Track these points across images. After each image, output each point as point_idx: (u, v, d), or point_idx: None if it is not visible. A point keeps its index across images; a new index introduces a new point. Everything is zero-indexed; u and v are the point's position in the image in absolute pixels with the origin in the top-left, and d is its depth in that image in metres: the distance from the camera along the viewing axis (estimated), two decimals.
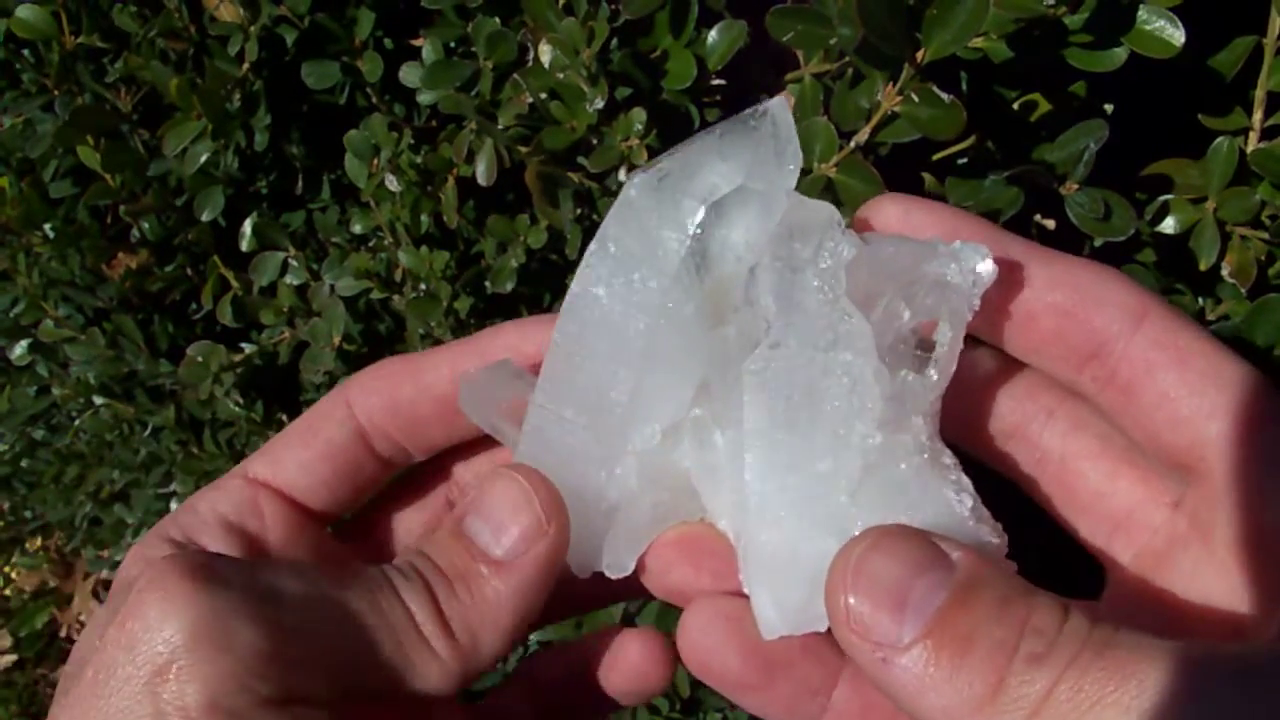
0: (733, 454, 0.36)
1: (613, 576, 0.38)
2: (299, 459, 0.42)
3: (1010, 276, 0.34)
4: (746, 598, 0.35)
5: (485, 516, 0.37)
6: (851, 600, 0.29)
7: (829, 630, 0.31)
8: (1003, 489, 0.37)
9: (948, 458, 0.34)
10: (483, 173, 0.64)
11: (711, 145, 0.36)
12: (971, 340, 0.36)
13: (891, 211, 0.36)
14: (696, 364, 0.37)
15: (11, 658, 1.99)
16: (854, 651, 0.29)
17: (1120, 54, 0.46)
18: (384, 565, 0.37)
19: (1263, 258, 0.51)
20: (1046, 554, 0.41)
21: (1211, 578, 0.32)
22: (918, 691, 0.28)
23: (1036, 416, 0.37)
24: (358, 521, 0.45)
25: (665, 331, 0.37)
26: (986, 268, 0.33)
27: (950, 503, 0.33)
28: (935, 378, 0.34)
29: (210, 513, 0.40)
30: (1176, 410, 0.33)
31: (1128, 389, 0.33)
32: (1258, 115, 0.50)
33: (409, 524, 0.45)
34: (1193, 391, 0.32)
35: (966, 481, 0.34)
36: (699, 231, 0.36)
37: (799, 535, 0.33)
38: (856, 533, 0.31)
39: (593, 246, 0.37)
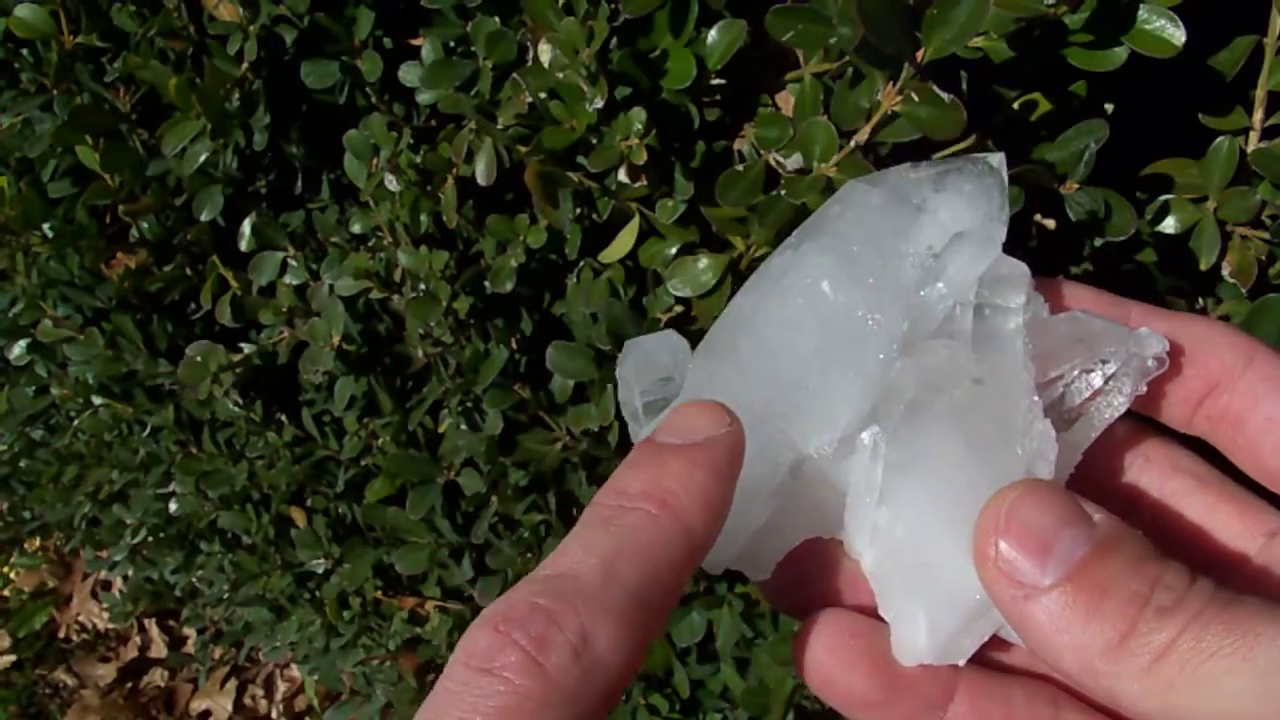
0: (898, 478, 0.36)
1: (752, 578, 0.38)
2: None
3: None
4: (868, 613, 0.36)
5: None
6: (1001, 542, 0.31)
7: None
8: None
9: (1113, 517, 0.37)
10: (482, 172, 0.64)
11: (926, 176, 0.38)
12: None
13: (1086, 299, 0.39)
14: (887, 381, 0.38)
15: (10, 658, 1.99)
16: (996, 589, 0.31)
17: (1120, 53, 0.46)
18: None
19: (1263, 257, 0.51)
20: None
21: None
22: (1053, 631, 0.30)
23: (1134, 462, 0.39)
24: None
25: (871, 341, 0.37)
26: (1163, 356, 0.36)
27: None
28: (1085, 443, 0.37)
29: None
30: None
31: (1238, 422, 0.36)
32: (1258, 115, 0.50)
33: None
34: None
35: None
36: (938, 254, 0.37)
37: (965, 568, 0.34)
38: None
39: (822, 239, 0.38)
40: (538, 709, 0.28)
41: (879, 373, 0.37)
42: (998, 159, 0.38)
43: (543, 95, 0.59)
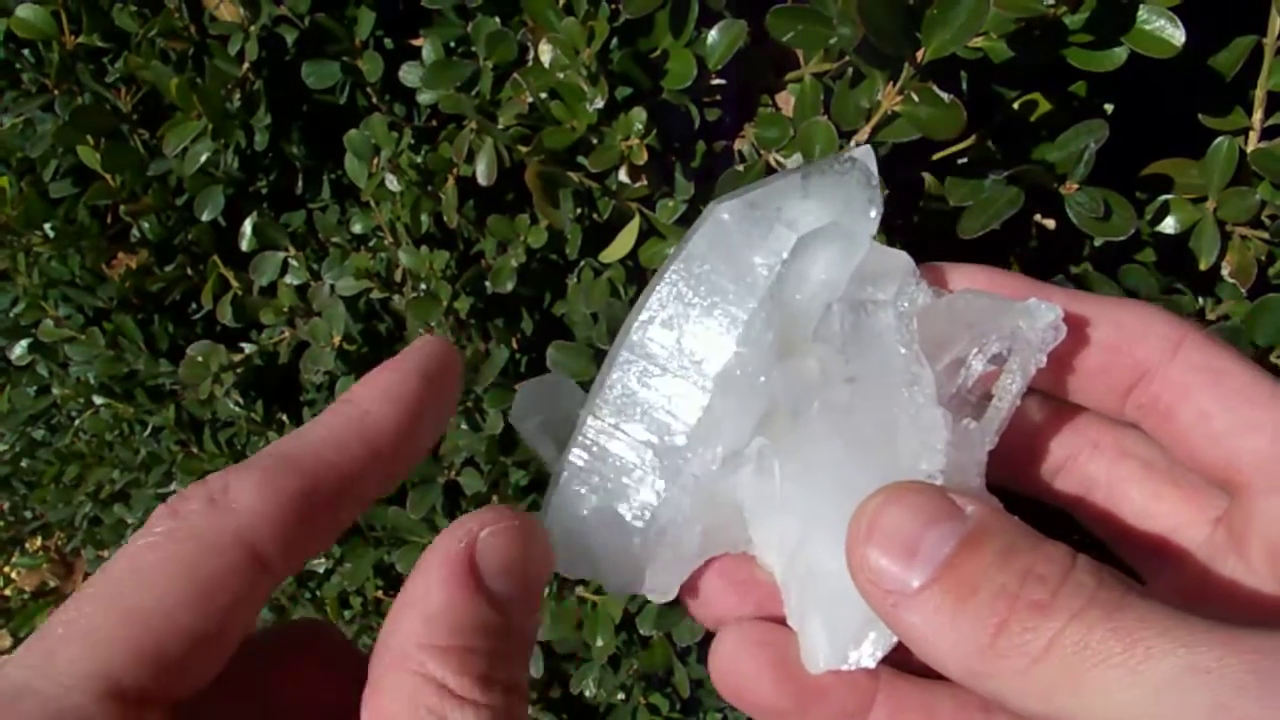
0: (792, 486, 0.36)
1: (656, 601, 0.38)
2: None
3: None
4: (779, 624, 0.36)
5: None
6: (868, 550, 0.30)
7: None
8: (1049, 523, 0.39)
9: (995, 504, 0.35)
10: (483, 172, 0.64)
11: (795, 185, 0.37)
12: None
13: (976, 279, 0.38)
14: (765, 392, 0.37)
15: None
16: (871, 599, 0.31)
17: (1120, 54, 0.46)
18: None
19: (1263, 257, 0.51)
20: None
21: (1247, 589, 0.34)
22: (927, 636, 0.29)
23: (1083, 449, 0.38)
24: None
25: (743, 357, 0.37)
26: (1059, 325, 0.35)
27: None
28: (994, 427, 0.35)
29: None
30: (1212, 427, 0.34)
31: (1168, 413, 0.35)
32: (1258, 115, 0.50)
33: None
34: (1226, 408, 0.34)
35: None
36: (788, 260, 0.37)
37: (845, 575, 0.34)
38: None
39: (676, 264, 0.38)
40: (169, 544, 0.30)
41: (749, 387, 0.37)
42: (862, 151, 0.37)
43: (543, 95, 0.59)
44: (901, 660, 0.35)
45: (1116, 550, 0.38)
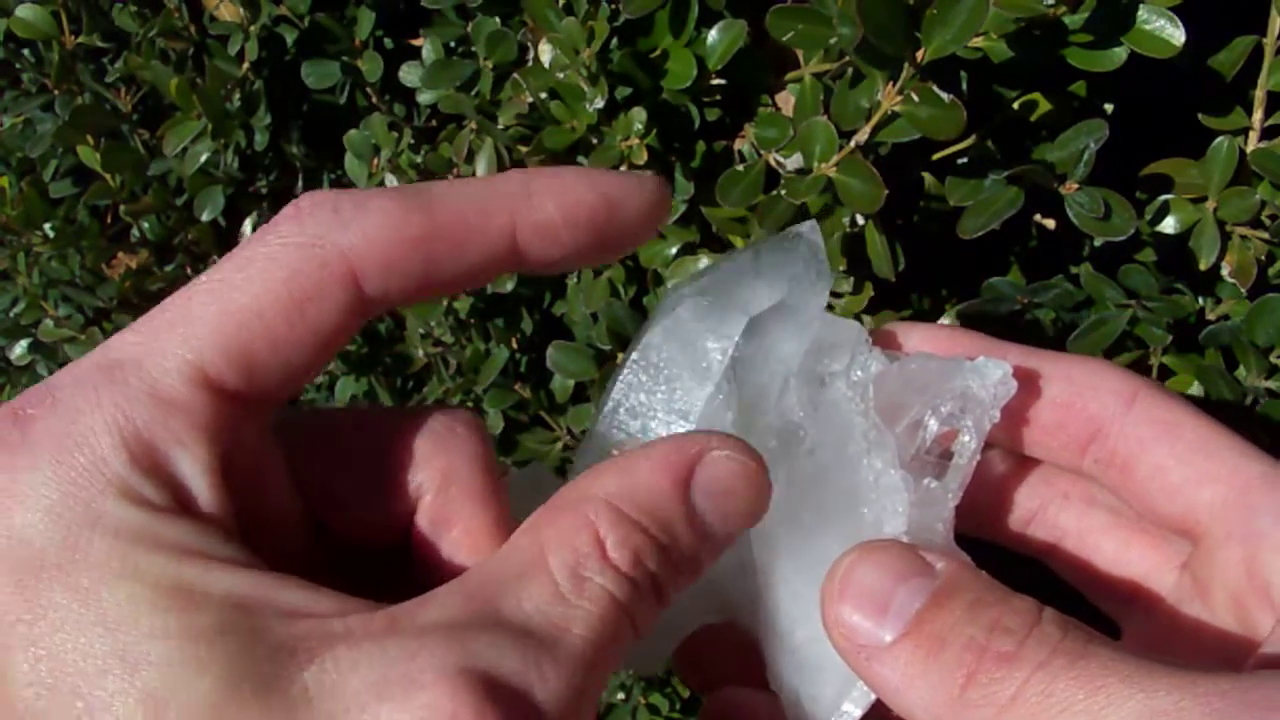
0: (764, 557, 0.37)
1: (642, 674, 0.39)
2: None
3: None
4: (764, 690, 0.37)
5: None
6: (842, 608, 0.31)
7: None
8: (1023, 573, 0.39)
9: (964, 559, 0.36)
10: (483, 172, 0.64)
11: (747, 264, 0.39)
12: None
13: (921, 337, 0.39)
14: None
15: None
16: (847, 655, 0.31)
17: (1120, 53, 0.46)
18: None
19: (1263, 257, 0.51)
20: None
21: (1213, 632, 0.35)
22: (900, 689, 0.30)
23: (1053, 500, 0.39)
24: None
25: None
26: (1007, 381, 0.36)
27: None
28: (955, 485, 0.36)
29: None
30: (1169, 480, 0.35)
31: (1125, 467, 0.36)
32: (1258, 115, 0.50)
33: None
34: (1182, 461, 0.35)
35: None
36: (740, 342, 0.38)
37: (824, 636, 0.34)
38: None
39: (634, 355, 0.39)
40: (280, 247, 0.30)
41: None
42: (808, 226, 0.39)
43: (543, 95, 0.59)
44: (882, 717, 0.35)
45: (1090, 596, 0.39)
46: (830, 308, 0.39)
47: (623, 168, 0.60)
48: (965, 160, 0.52)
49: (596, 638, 0.28)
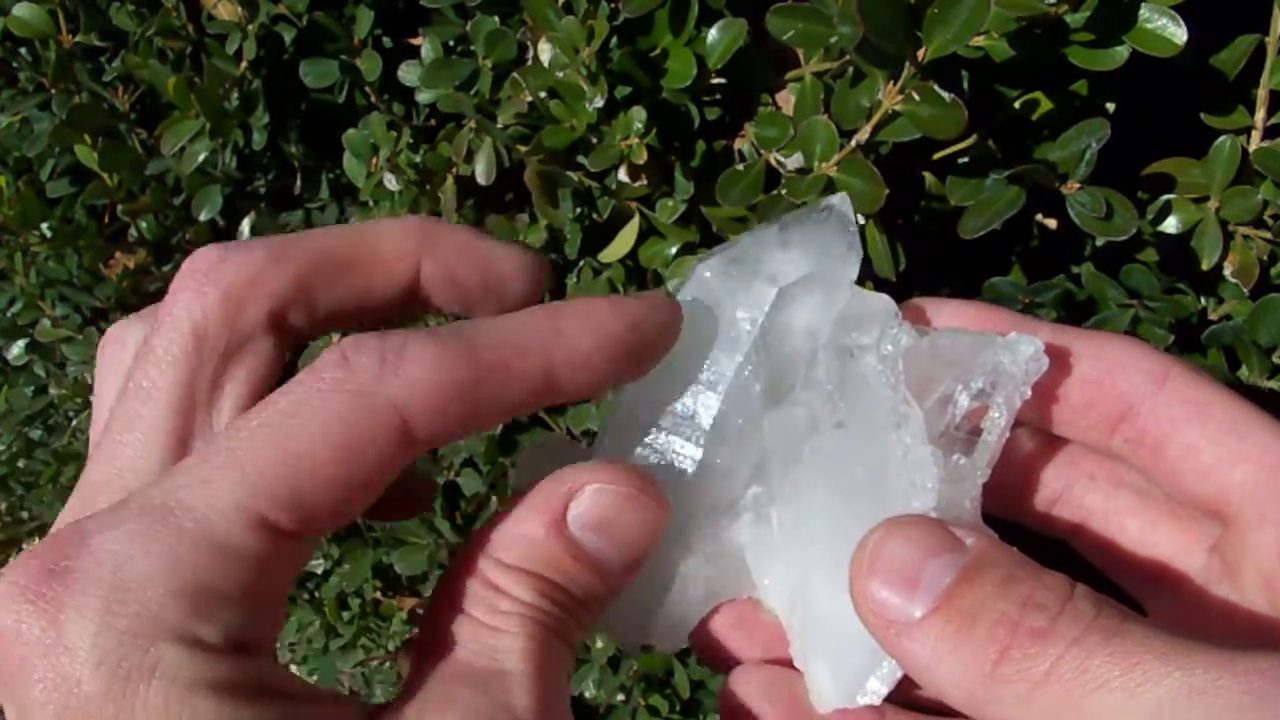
0: (790, 532, 0.37)
1: (666, 651, 0.39)
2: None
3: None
4: (787, 666, 0.36)
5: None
6: (870, 583, 0.31)
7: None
8: (1047, 555, 0.39)
9: (991, 536, 0.35)
10: (482, 172, 0.64)
11: (773, 237, 0.38)
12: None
13: (958, 315, 0.38)
14: (757, 443, 0.38)
15: None
16: (876, 631, 0.31)
17: (1122, 52, 0.46)
18: None
19: (1265, 257, 0.51)
20: None
21: (1243, 614, 0.34)
22: (930, 664, 0.29)
23: (1079, 480, 0.39)
24: None
25: (733, 409, 0.38)
26: (1039, 357, 0.35)
27: None
28: (984, 462, 0.36)
29: None
30: (1200, 460, 0.34)
31: (1156, 447, 0.35)
32: (1260, 114, 0.50)
33: None
34: (1213, 441, 0.34)
35: None
36: (770, 311, 0.37)
37: (853, 612, 0.34)
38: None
39: None
40: (332, 393, 0.30)
41: (740, 438, 0.38)
42: (839, 198, 0.38)
43: (542, 95, 0.58)
44: (906, 695, 0.35)
45: (1115, 579, 0.39)
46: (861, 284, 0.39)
47: (622, 167, 0.60)
48: (966, 160, 0.52)
49: (532, 666, 0.31)
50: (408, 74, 0.68)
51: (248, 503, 0.29)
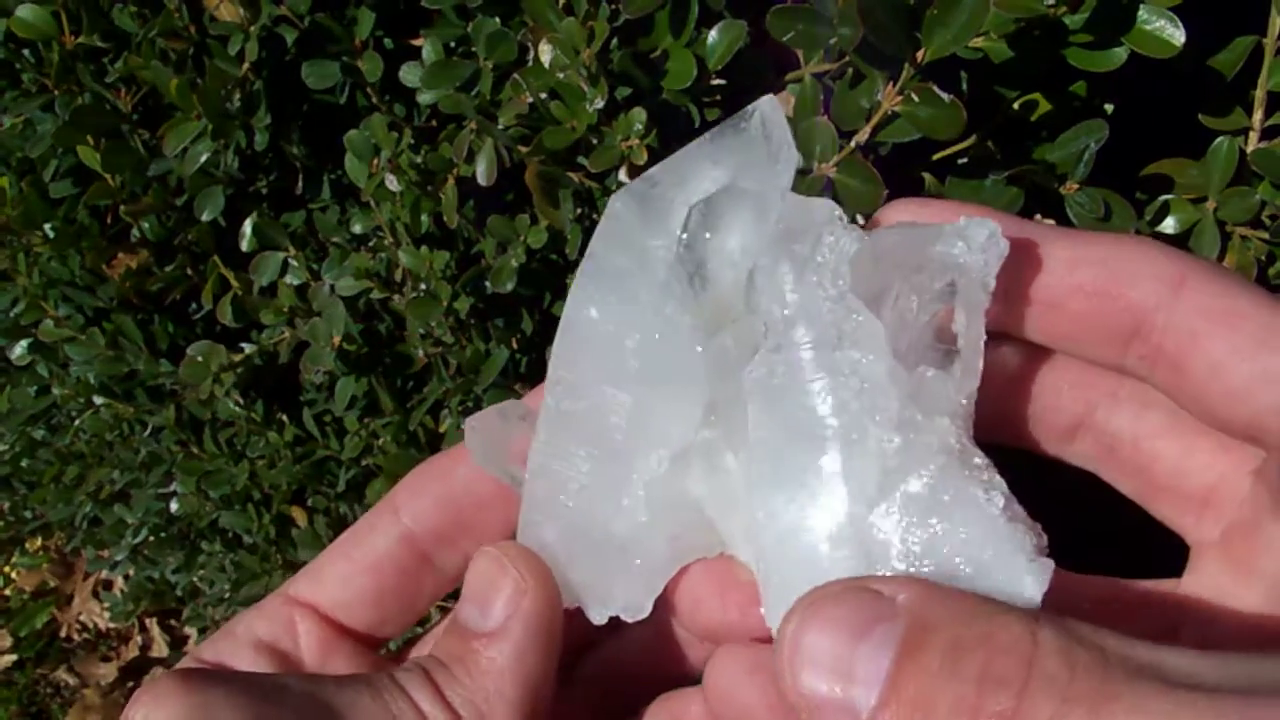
0: (747, 479, 0.34)
1: (629, 620, 0.37)
2: (341, 573, 0.39)
3: (1030, 262, 0.32)
4: (769, 643, 0.34)
5: (470, 598, 0.36)
6: (801, 680, 0.27)
7: None
8: (1051, 482, 0.35)
9: (979, 458, 0.31)
10: (483, 172, 0.64)
11: (702, 151, 0.34)
12: (1006, 339, 0.34)
13: (903, 213, 0.34)
14: (700, 382, 0.35)
15: (11, 658, 1.99)
16: None
17: (1120, 54, 0.46)
18: (390, 668, 0.37)
19: (1263, 258, 0.51)
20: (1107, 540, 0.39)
21: None
22: None
23: (1101, 401, 0.34)
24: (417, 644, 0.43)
25: (661, 348, 0.34)
26: (996, 240, 0.30)
27: (979, 503, 0.30)
28: (960, 372, 0.31)
29: (246, 634, 0.40)
30: (1230, 380, 0.29)
31: (1176, 365, 0.30)
32: (1258, 115, 0.50)
33: None
34: (1243, 358, 0.29)
35: (999, 481, 0.31)
36: (685, 236, 0.34)
37: (816, 556, 0.31)
38: (879, 544, 0.30)
39: (581, 266, 0.36)
40: None
41: (674, 379, 0.35)
42: (766, 100, 0.34)
43: (543, 95, 0.59)
44: None
45: (1151, 510, 0.35)
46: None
47: (623, 168, 0.60)
48: (965, 160, 0.52)
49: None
50: (409, 75, 0.68)
51: None
